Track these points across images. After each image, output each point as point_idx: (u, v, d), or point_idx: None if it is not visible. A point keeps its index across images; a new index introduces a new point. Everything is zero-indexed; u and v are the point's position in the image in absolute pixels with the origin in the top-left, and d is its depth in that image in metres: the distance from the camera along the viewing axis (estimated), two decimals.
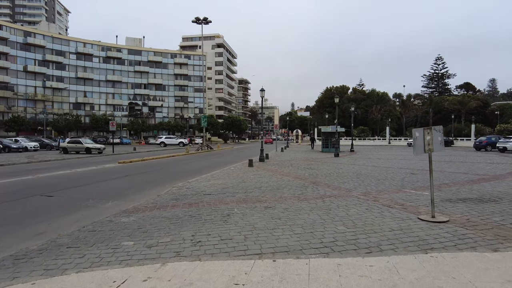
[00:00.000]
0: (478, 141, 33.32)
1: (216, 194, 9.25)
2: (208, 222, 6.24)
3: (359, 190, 9.66)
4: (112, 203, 8.98)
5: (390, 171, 14.95)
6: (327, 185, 10.64)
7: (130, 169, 17.37)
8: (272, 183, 11.19)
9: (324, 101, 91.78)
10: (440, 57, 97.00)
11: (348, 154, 29.07)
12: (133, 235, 5.64)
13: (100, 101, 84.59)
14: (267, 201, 8.14)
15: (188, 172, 15.92)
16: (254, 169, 15.97)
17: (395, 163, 19.37)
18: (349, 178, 12.53)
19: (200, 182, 11.83)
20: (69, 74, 78.90)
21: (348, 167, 16.99)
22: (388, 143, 57.13)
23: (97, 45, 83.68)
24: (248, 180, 12.16)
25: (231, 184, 11.07)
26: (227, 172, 14.80)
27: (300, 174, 13.76)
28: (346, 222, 6.07)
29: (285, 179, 12.24)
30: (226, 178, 12.67)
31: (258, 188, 10.16)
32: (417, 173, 13.90)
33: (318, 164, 18.55)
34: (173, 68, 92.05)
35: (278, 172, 14.86)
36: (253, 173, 14.49)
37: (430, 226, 5.74)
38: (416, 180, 11.89)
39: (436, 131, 6.31)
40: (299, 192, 9.45)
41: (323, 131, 33.35)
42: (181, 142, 53.35)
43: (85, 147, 31.44)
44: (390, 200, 8.12)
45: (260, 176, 13.20)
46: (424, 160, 21.09)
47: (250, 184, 11.03)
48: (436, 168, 15.89)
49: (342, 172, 14.59)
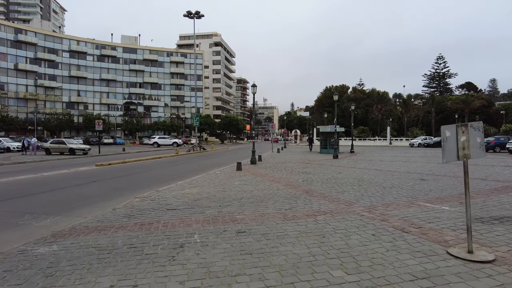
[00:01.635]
0: (485, 141, 31.42)
1: (182, 209, 7.37)
2: (147, 260, 4.36)
3: (361, 203, 7.79)
4: (51, 219, 7.12)
5: (396, 176, 13.08)
6: (323, 196, 8.77)
7: (103, 174, 15.49)
8: (257, 193, 9.31)
9: (323, 101, 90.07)
10: (441, 56, 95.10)
11: (348, 155, 27.21)
12: (28, 282, 3.77)
13: (94, 100, 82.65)
14: (243, 221, 6.26)
15: (166, 177, 14.04)
16: (241, 174, 14.10)
17: (400, 166, 17.50)
18: (349, 185, 10.66)
19: (172, 190, 9.96)
20: (62, 72, 76.95)
21: (348, 171, 15.13)
22: (389, 144, 55.27)
23: (91, 43, 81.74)
24: (230, 188, 10.29)
25: (207, 194, 9.20)
26: (210, 178, 12.92)
27: (293, 181, 11.89)
28: (345, 262, 4.20)
29: (273, 187, 10.37)
30: (205, 186, 10.80)
31: (237, 200, 8.29)
32: (427, 179, 12.04)
33: (314, 168, 16.68)
34: (169, 66, 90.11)
35: (268, 177, 12.98)
36: (239, 178, 12.62)
37: (471, 271, 3.86)
38: (428, 188, 10.01)
39: (473, 129, 4.43)
40: (287, 206, 7.58)
41: (321, 131, 31.49)
42: (175, 142, 51.47)
43: (68, 147, 29.57)
44: (402, 220, 6.25)
45: (246, 183, 11.33)
46: (430, 162, 19.23)
47: (230, 194, 9.15)
48: (446, 172, 14.04)
49: (341, 177, 12.73)
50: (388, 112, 73.52)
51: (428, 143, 43.46)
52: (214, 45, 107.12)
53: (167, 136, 62.56)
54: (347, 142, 53.92)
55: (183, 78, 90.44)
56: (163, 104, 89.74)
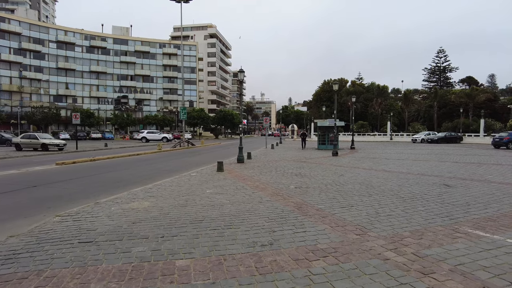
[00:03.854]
0: (498, 137, 28.90)
1: (101, 243, 4.71)
2: None
3: (379, 229, 5.19)
4: None
5: (412, 180, 10.48)
6: (322, 215, 6.15)
7: (55, 175, 12.79)
8: (229, 209, 6.68)
9: (321, 95, 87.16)
10: (442, 49, 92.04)
11: (348, 152, 24.62)
12: None
13: (83, 93, 79.40)
14: (182, 277, 3.62)
15: (126, 181, 11.37)
16: (221, 177, 11.45)
17: (411, 166, 14.92)
18: (355, 194, 8.06)
19: (116, 203, 7.30)
20: (49, 64, 73.53)
21: (351, 172, 12.52)
22: (390, 139, 52.77)
23: (79, 33, 78.22)
24: (195, 200, 7.65)
25: (157, 211, 6.55)
26: (179, 182, 10.26)
27: (283, 187, 9.27)
28: None
29: (255, 198, 7.74)
30: (165, 196, 8.15)
31: (195, 224, 5.65)
32: (454, 185, 9.45)
33: (311, 168, 14.06)
34: (162, 58, 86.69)
35: (252, 181, 10.35)
36: (215, 183, 9.98)
37: None
38: (463, 200, 7.41)
39: None
40: (266, 236, 4.95)
41: (319, 125, 28.84)
42: (164, 137, 48.65)
43: (41, 143, 26.77)
44: (459, 274, 3.63)
45: (221, 191, 8.69)
46: (444, 161, 16.65)
47: (190, 211, 6.52)
48: (470, 174, 11.44)
49: (344, 182, 10.11)
50: (388, 107, 70.89)
51: (432, 139, 40.93)
52: (209, 37, 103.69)
53: (157, 130, 59.75)
54: (346, 137, 51.39)
55: (176, 70, 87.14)
56: (156, 98, 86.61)
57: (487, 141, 40.81)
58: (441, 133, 44.65)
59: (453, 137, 41.58)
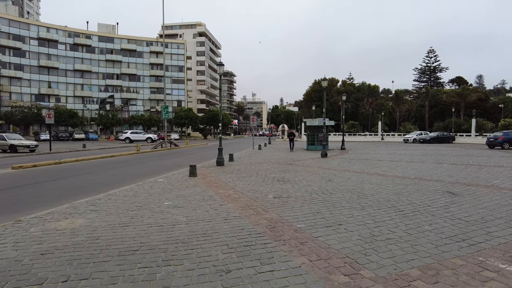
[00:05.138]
0: (492, 137, 27.89)
1: None
2: None
3: (377, 266, 3.72)
4: None
5: (410, 187, 9.09)
6: (300, 240, 4.66)
7: (0, 183, 11.05)
8: (181, 230, 5.13)
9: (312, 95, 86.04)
10: (432, 49, 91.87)
11: (339, 153, 23.29)
12: None
13: (67, 92, 76.67)
14: None
15: (82, 189, 9.72)
16: (191, 183, 9.89)
17: (406, 168, 13.58)
18: (345, 207, 6.60)
19: (44, 221, 5.67)
20: (30, 62, 70.64)
21: (340, 176, 11.09)
22: (381, 139, 51.82)
23: (62, 30, 75.46)
24: (145, 215, 6.08)
25: (86, 235, 4.97)
26: (138, 191, 8.66)
27: (259, 196, 7.77)
28: None
29: (221, 213, 6.21)
30: (110, 210, 6.56)
31: (125, 256, 4.09)
32: (459, 193, 8.08)
33: (297, 171, 12.59)
34: (149, 57, 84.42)
35: (226, 188, 8.83)
36: (180, 192, 8.42)
37: None
38: (476, 214, 6.01)
39: None
40: (214, 279, 3.42)
41: (308, 125, 27.46)
42: (149, 137, 46.82)
43: (9, 144, 24.78)
44: None
45: (182, 203, 7.14)
46: (441, 163, 15.36)
47: (128, 235, 4.95)
48: (474, 179, 10.09)
49: (332, 189, 8.66)
50: (379, 106, 70.10)
51: (424, 139, 39.97)
52: (198, 35, 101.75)
53: (141, 131, 57.67)
54: (337, 137, 50.26)
55: None
56: (143, 97, 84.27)
57: (479, 141, 40.08)
58: (433, 133, 43.78)
59: (445, 137, 40.71)
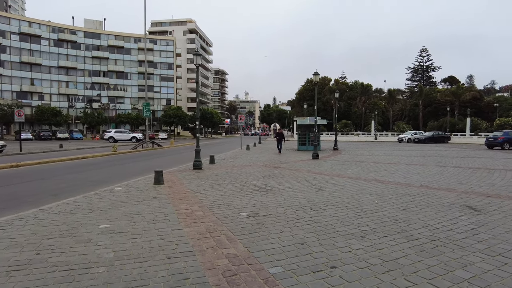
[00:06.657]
0: (491, 137, 26.56)
1: None
2: None
3: None
4: None
5: (418, 198, 7.45)
6: None
7: None
8: (88, 284, 3.35)
9: (304, 93, 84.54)
10: (425, 49, 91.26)
11: (331, 154, 21.69)
12: None
13: (51, 90, 73.69)
14: None
15: (11, 202, 7.85)
16: (152, 194, 8.10)
17: (408, 172, 11.98)
18: (339, 233, 4.90)
19: None
20: (10, 57, 67.53)
21: (333, 184, 9.41)
22: (375, 139, 50.52)
23: (46, 25, 72.47)
24: (58, 249, 4.28)
25: None
26: (78, 206, 6.83)
27: (229, 215, 6.03)
28: None
29: (168, 245, 4.45)
30: (18, 241, 4.75)
31: None
32: (482, 208, 6.45)
33: (283, 176, 10.88)
34: (137, 53, 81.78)
35: (191, 202, 7.06)
36: (131, 207, 6.63)
37: None
38: None
39: None
40: None
41: (299, 124, 25.82)
42: (133, 137, 44.60)
43: None
44: None
45: (124, 227, 5.36)
46: (445, 165, 13.81)
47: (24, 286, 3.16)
48: (490, 187, 8.49)
49: (323, 203, 6.96)
50: (372, 106, 68.89)
51: (419, 139, 38.69)
52: (188, 33, 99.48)
53: (126, 130, 55.35)
54: (330, 137, 48.82)
55: (152, 66, 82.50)
56: (130, 95, 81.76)
57: (475, 141, 38.99)
58: (428, 133, 42.56)
59: (441, 136, 39.50)
